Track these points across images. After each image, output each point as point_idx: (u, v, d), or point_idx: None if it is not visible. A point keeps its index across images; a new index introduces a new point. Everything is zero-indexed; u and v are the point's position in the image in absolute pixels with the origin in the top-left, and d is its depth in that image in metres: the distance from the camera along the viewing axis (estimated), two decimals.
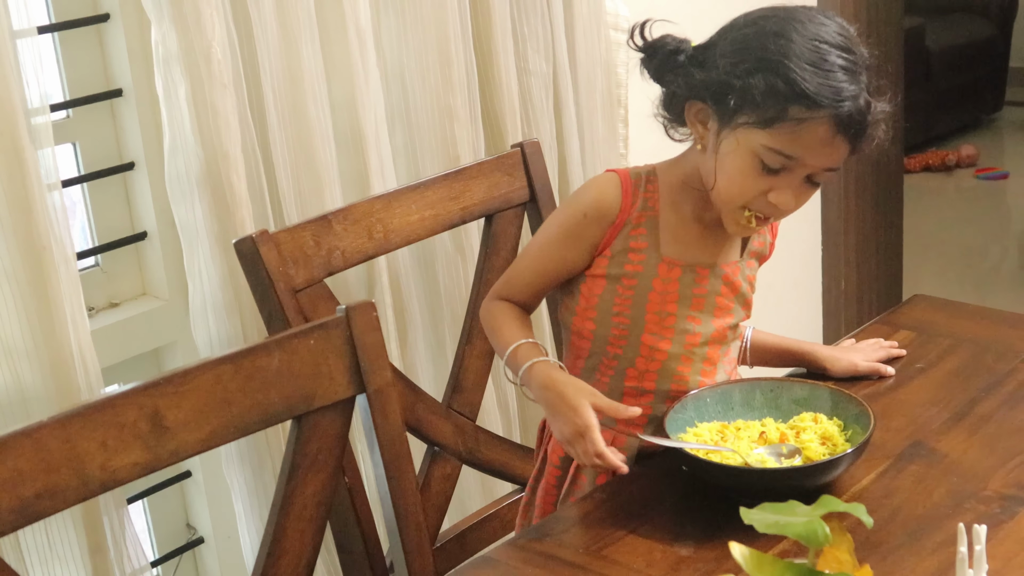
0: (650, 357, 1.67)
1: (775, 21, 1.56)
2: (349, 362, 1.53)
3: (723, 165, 1.58)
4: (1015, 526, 1.42)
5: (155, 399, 1.38)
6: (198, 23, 1.73)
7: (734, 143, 1.56)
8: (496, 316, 1.72)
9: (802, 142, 1.52)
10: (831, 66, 1.52)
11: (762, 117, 1.52)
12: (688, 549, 1.43)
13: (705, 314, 1.68)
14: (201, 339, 1.86)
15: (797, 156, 1.54)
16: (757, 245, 1.75)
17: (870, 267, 3.55)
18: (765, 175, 1.56)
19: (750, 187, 1.57)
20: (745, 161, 1.56)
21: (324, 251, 1.80)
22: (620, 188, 1.66)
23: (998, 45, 6.66)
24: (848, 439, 1.55)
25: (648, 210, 1.65)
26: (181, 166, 1.79)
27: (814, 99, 1.50)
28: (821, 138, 1.52)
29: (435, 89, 2.09)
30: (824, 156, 1.55)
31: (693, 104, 1.61)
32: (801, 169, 1.56)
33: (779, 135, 1.52)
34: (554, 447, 1.76)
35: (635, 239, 1.65)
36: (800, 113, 1.51)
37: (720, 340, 1.70)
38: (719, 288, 1.68)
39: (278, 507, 1.50)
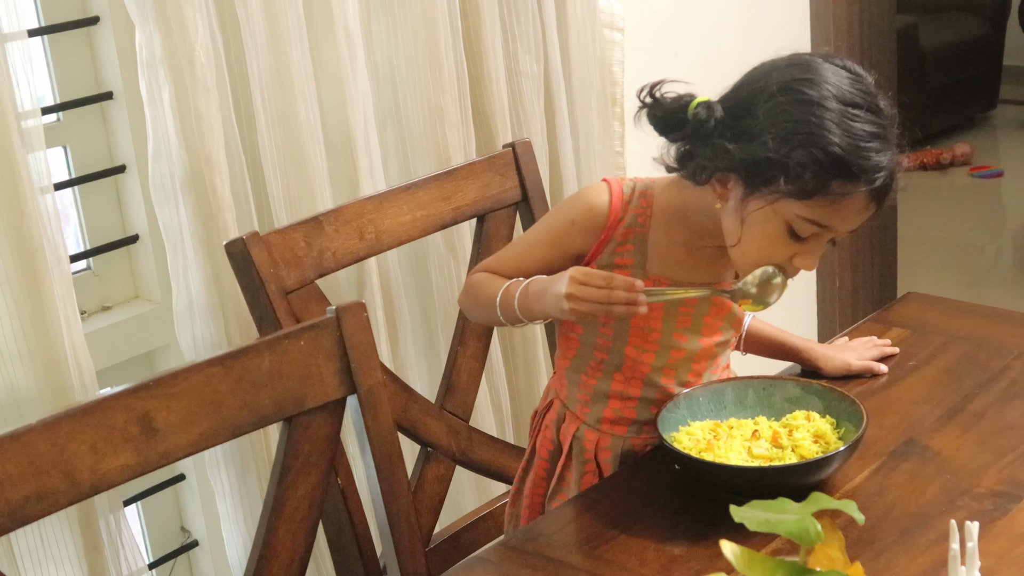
0: (633, 368, 1.67)
1: (807, 85, 1.51)
2: (339, 363, 1.53)
3: (751, 230, 1.55)
4: (1008, 523, 1.42)
5: (145, 401, 1.37)
6: (182, 26, 1.73)
7: (769, 212, 1.53)
8: (480, 281, 1.69)
9: (840, 214, 1.52)
10: (867, 136, 1.50)
11: (801, 189, 1.49)
12: (681, 548, 1.43)
13: (691, 332, 1.67)
14: (185, 342, 1.86)
15: (830, 225, 1.53)
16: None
17: (865, 265, 3.55)
18: (793, 242, 1.54)
19: (778, 253, 1.55)
20: (777, 229, 1.53)
21: (315, 252, 1.79)
22: (609, 202, 1.64)
23: (992, 43, 6.66)
24: (841, 437, 1.55)
25: (637, 227, 1.64)
26: (165, 169, 1.79)
27: (855, 172, 1.48)
28: (857, 208, 1.52)
29: (425, 90, 2.09)
30: (855, 222, 1.55)
31: (724, 176, 1.56)
32: (829, 234, 1.55)
33: (817, 207, 1.50)
34: (542, 441, 1.76)
35: (621, 255, 1.65)
36: (841, 188, 1.49)
37: (707, 356, 1.70)
38: (707, 309, 1.67)
39: (269, 508, 1.50)
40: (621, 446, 1.69)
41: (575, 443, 1.71)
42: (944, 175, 6.03)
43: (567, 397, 1.73)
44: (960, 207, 5.68)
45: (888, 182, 1.53)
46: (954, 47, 6.41)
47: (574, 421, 1.71)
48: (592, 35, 2.40)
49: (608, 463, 1.69)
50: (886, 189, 1.53)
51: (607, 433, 1.69)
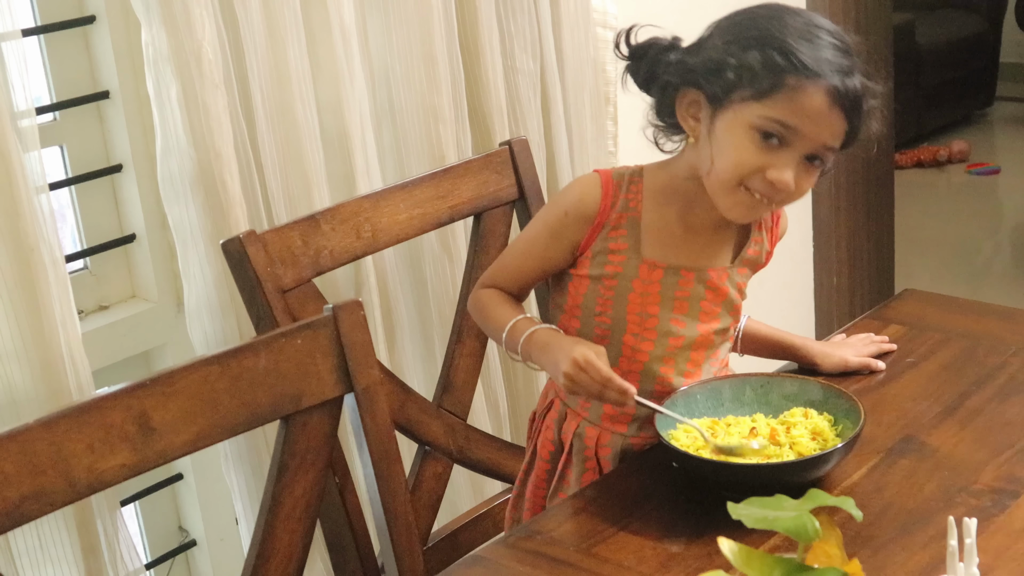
0: (632, 358, 1.67)
1: (767, 8, 1.60)
2: (336, 361, 1.53)
3: (719, 144, 1.58)
4: (1006, 519, 1.42)
5: (142, 400, 1.37)
6: (188, 24, 1.73)
7: (730, 119, 1.56)
8: (486, 302, 1.73)
9: (799, 110, 1.53)
10: (825, 44, 1.55)
11: (759, 89, 1.53)
12: (678, 545, 1.42)
13: (689, 318, 1.67)
14: (197, 339, 1.86)
15: (794, 125, 1.54)
16: (752, 253, 1.72)
17: (862, 263, 3.55)
18: (763, 150, 1.55)
19: (747, 161, 1.56)
20: (742, 136, 1.56)
21: (312, 251, 1.79)
22: (600, 189, 1.65)
23: (988, 40, 6.67)
24: (839, 434, 1.55)
25: (629, 211, 1.65)
26: (174, 167, 1.78)
27: (811, 67, 1.52)
28: (818, 107, 1.53)
29: (421, 88, 2.09)
30: (822, 127, 1.55)
31: (685, 94, 1.61)
32: (800, 143, 1.55)
33: (776, 104, 1.53)
34: (543, 443, 1.76)
35: (614, 240, 1.65)
36: (797, 81, 1.52)
37: (705, 344, 1.69)
38: (703, 293, 1.67)
39: (267, 508, 1.50)
40: (621, 444, 1.69)
41: (576, 440, 1.71)
42: (941, 172, 6.03)
43: (568, 397, 1.73)
44: (957, 204, 5.69)
45: (854, 93, 1.56)
46: (951, 44, 6.41)
47: (575, 418, 1.71)
48: (586, 34, 2.40)
49: (608, 460, 1.69)
50: (852, 100, 1.55)
51: (607, 430, 1.69)
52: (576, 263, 1.68)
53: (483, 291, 1.74)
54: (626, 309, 1.65)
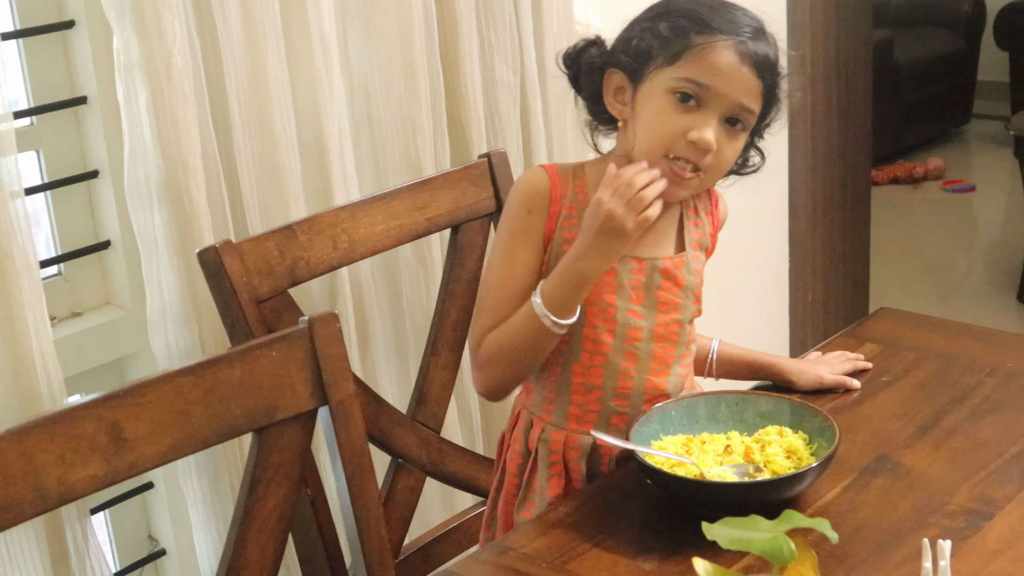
0: (593, 351, 1.67)
1: None
2: (311, 374, 1.52)
3: (641, 116, 1.64)
4: (979, 540, 1.42)
5: (114, 411, 1.36)
6: (159, 31, 1.72)
7: (648, 89, 1.62)
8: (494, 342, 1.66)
9: (709, 67, 1.59)
10: (733, 12, 1.63)
11: (670, 53, 1.60)
12: (652, 563, 1.42)
13: (646, 308, 1.68)
14: (159, 349, 1.84)
15: (707, 83, 1.59)
16: (697, 236, 1.74)
17: (837, 279, 3.56)
18: (681, 112, 1.60)
19: (668, 127, 1.60)
20: (660, 102, 1.61)
21: (288, 261, 1.78)
22: (548, 179, 1.68)
23: (966, 58, 6.71)
24: (813, 453, 1.55)
25: (579, 202, 1.67)
26: (140, 175, 1.77)
27: (716, 27, 1.59)
28: (727, 63, 1.59)
29: (399, 99, 2.08)
30: (734, 84, 1.60)
31: (610, 79, 1.67)
32: (715, 102, 1.60)
33: (687, 65, 1.59)
34: (512, 456, 1.75)
35: (568, 230, 1.66)
36: (704, 39, 1.59)
37: (668, 337, 1.69)
38: (659, 282, 1.68)
39: (239, 520, 1.49)
40: (589, 444, 1.68)
41: (541, 447, 1.70)
42: (917, 189, 6.06)
43: (532, 403, 1.73)
44: (933, 221, 5.71)
45: (763, 51, 1.61)
46: (929, 61, 6.45)
47: (540, 423, 1.71)
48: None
49: (577, 462, 1.69)
50: (762, 59, 1.61)
51: (574, 431, 1.69)
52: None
53: (484, 345, 1.67)
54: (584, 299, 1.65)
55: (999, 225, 5.72)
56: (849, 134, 3.47)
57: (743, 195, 3.15)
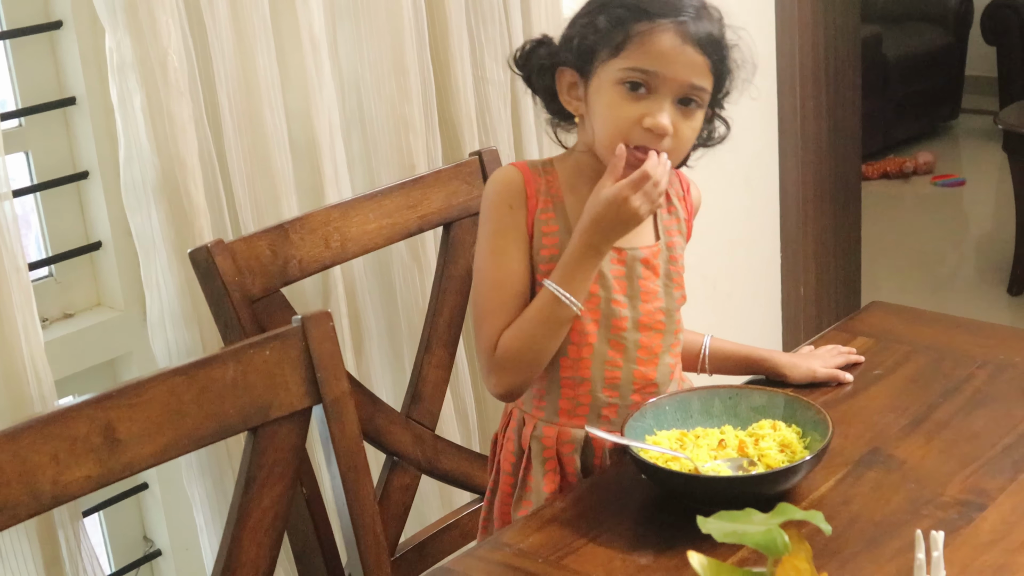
0: (580, 343, 1.67)
1: None
2: (305, 373, 1.52)
3: (596, 112, 1.64)
4: (972, 532, 1.43)
5: (108, 412, 1.36)
6: (153, 30, 1.72)
7: (598, 84, 1.63)
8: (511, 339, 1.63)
9: (652, 53, 1.59)
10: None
11: (613, 45, 1.60)
12: (647, 558, 1.42)
13: (630, 298, 1.68)
14: (159, 350, 1.84)
15: (653, 69, 1.59)
16: (672, 224, 1.75)
17: (829, 274, 3.56)
18: (633, 101, 1.60)
19: (622, 118, 1.61)
20: (611, 94, 1.61)
21: (280, 261, 1.78)
22: (521, 174, 1.69)
23: (954, 53, 6.72)
24: (807, 446, 1.56)
25: (552, 196, 1.68)
26: (137, 175, 1.77)
27: (653, 11, 1.59)
28: (669, 46, 1.59)
29: (391, 97, 2.08)
30: (680, 65, 1.59)
31: (562, 77, 1.68)
32: (665, 86, 1.60)
33: (631, 54, 1.59)
34: (505, 455, 1.76)
35: (546, 223, 1.67)
36: (644, 27, 1.59)
37: (653, 326, 1.70)
38: (640, 272, 1.69)
39: (234, 519, 1.49)
40: (582, 437, 1.69)
41: (534, 444, 1.71)
42: (907, 184, 6.07)
43: (523, 401, 1.73)
44: (923, 216, 5.72)
45: (706, 28, 1.60)
46: (917, 57, 6.46)
47: (532, 421, 1.71)
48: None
49: (571, 456, 1.69)
50: (705, 37, 1.60)
51: (566, 426, 1.69)
52: None
53: (500, 345, 1.64)
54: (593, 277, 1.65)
55: (989, 219, 5.74)
56: (838, 130, 3.47)
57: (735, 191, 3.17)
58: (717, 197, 3.07)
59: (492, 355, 1.65)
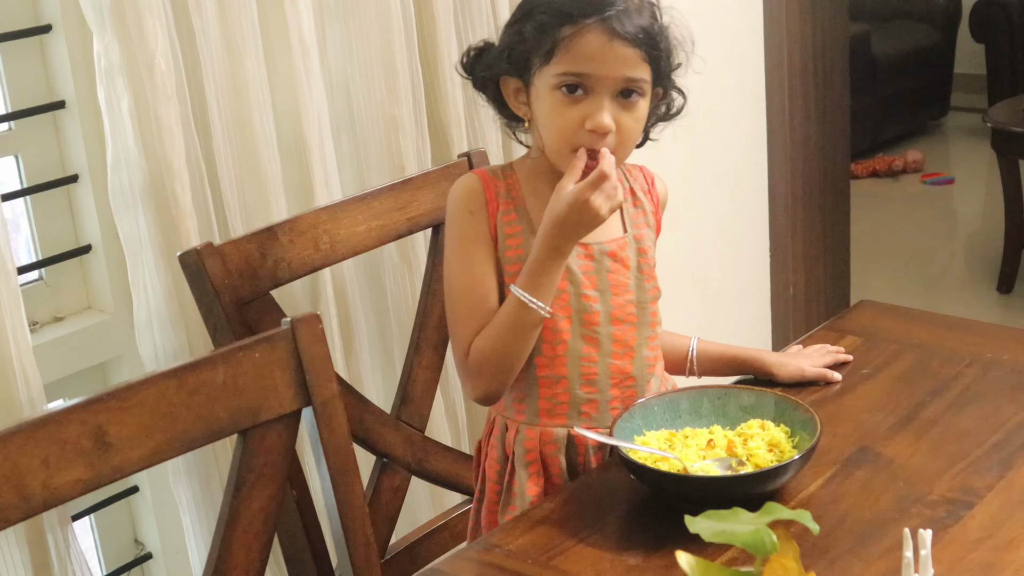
0: (554, 341, 1.67)
1: None
2: (295, 375, 1.52)
3: (540, 118, 1.65)
4: (961, 530, 1.43)
5: (98, 415, 1.36)
6: (141, 34, 1.72)
7: (537, 91, 1.64)
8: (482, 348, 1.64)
9: (582, 56, 1.59)
10: None
11: (543, 52, 1.61)
12: (637, 558, 1.43)
13: (600, 292, 1.69)
14: (147, 353, 1.84)
15: (586, 71, 1.59)
16: (638, 217, 1.75)
17: (818, 273, 3.57)
18: (572, 105, 1.61)
19: (564, 121, 1.61)
20: (550, 100, 1.62)
21: (270, 263, 1.79)
22: (480, 181, 1.70)
23: (943, 51, 6.73)
24: (795, 445, 1.56)
25: (513, 198, 1.69)
26: (124, 178, 1.77)
27: (575, 13, 1.59)
28: (597, 46, 1.59)
29: (380, 99, 2.09)
30: (612, 63, 1.59)
31: (506, 82, 1.69)
32: (600, 85, 1.60)
33: (561, 59, 1.60)
34: (490, 463, 1.76)
35: (508, 224, 1.68)
36: (568, 31, 1.59)
37: (626, 319, 1.70)
38: (608, 265, 1.69)
39: (224, 522, 1.49)
40: (564, 436, 1.69)
41: (517, 448, 1.71)
42: (896, 182, 6.08)
43: (504, 407, 1.73)
44: (912, 214, 5.74)
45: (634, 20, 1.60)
46: (906, 55, 6.47)
47: (514, 425, 1.72)
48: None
49: (555, 456, 1.69)
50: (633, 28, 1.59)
51: (547, 426, 1.69)
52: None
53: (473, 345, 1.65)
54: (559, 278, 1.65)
55: (978, 217, 5.75)
56: (827, 128, 3.48)
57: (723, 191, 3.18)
58: (706, 196, 3.08)
59: (465, 361, 1.67)
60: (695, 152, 2.94)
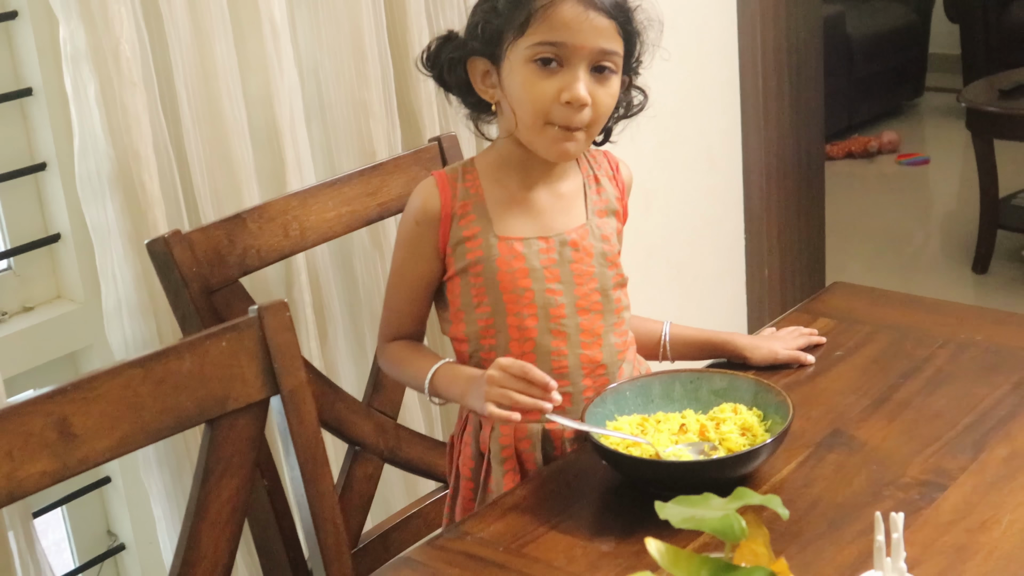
0: (521, 339, 1.66)
1: None
2: (262, 363, 1.51)
3: (512, 94, 1.64)
4: (933, 512, 1.43)
5: (62, 406, 1.35)
6: (106, 20, 1.70)
7: (510, 66, 1.62)
8: (396, 359, 1.75)
9: (558, 25, 1.58)
10: None
11: (517, 25, 1.60)
12: (609, 544, 1.42)
13: (564, 284, 1.68)
14: (116, 342, 1.83)
15: (560, 40, 1.59)
16: (600, 203, 1.74)
17: (793, 255, 3.57)
18: (547, 77, 1.60)
19: (539, 94, 1.60)
20: (524, 73, 1.61)
21: (239, 250, 1.77)
22: (438, 187, 1.69)
23: (918, 31, 6.74)
24: (768, 429, 1.56)
25: (471, 197, 1.68)
26: (92, 166, 1.76)
27: None
28: (573, 15, 1.58)
29: (350, 84, 2.07)
30: (587, 33, 1.59)
31: (473, 67, 1.67)
32: (575, 57, 1.59)
33: (536, 30, 1.59)
34: (464, 460, 1.75)
35: (466, 227, 1.66)
36: (543, 1, 1.58)
37: (591, 308, 1.69)
38: (570, 255, 1.68)
39: (192, 512, 1.48)
40: (539, 431, 1.68)
41: (493, 445, 1.70)
42: (872, 163, 6.09)
43: None
44: (888, 194, 5.74)
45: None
46: (881, 36, 6.47)
47: (488, 422, 1.70)
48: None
49: (530, 452, 1.68)
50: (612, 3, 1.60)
51: (522, 422, 1.68)
52: (445, 267, 1.69)
53: (388, 347, 1.77)
54: (499, 290, 1.66)
55: (953, 197, 5.76)
56: (801, 109, 3.48)
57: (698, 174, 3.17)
58: (681, 180, 3.07)
59: (380, 350, 1.78)
60: (668, 135, 2.94)
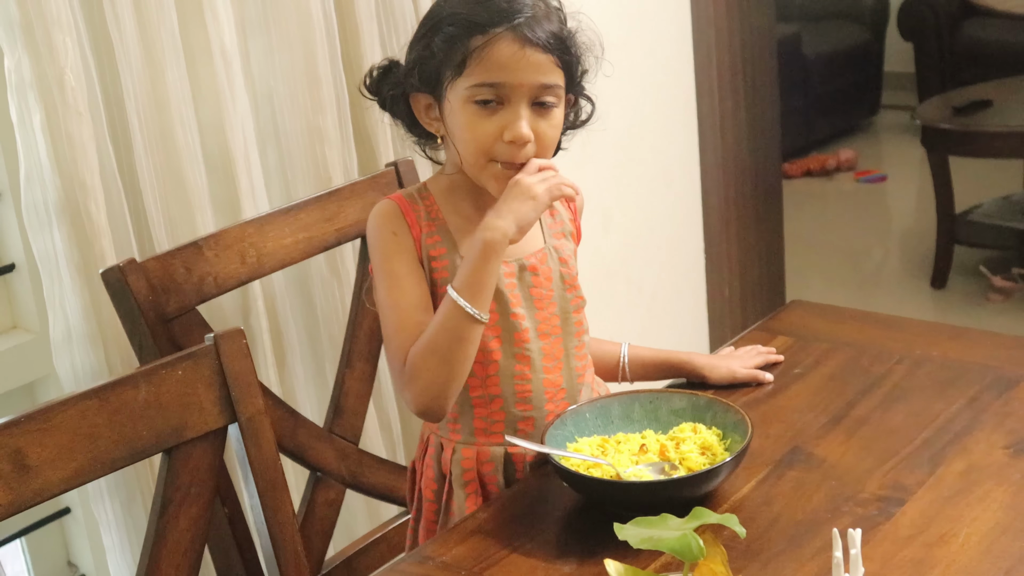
0: (485, 361, 1.65)
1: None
2: (219, 392, 1.50)
3: (454, 133, 1.62)
4: (892, 527, 1.44)
5: (16, 438, 1.33)
6: (51, 50, 1.69)
7: (450, 105, 1.61)
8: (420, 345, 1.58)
9: (495, 66, 1.57)
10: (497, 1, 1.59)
11: (454, 65, 1.58)
12: (571, 566, 1.42)
13: (525, 308, 1.67)
14: (64, 372, 1.81)
15: (499, 81, 1.57)
16: (556, 227, 1.74)
17: (753, 273, 3.59)
18: (488, 117, 1.59)
19: (481, 134, 1.59)
20: (464, 114, 1.60)
21: (195, 278, 1.76)
22: (398, 206, 1.67)
23: (872, 50, 6.80)
24: (727, 448, 1.56)
25: (433, 219, 1.66)
26: (38, 196, 1.75)
27: (484, 23, 1.57)
28: (510, 54, 1.57)
29: (305, 110, 2.07)
30: (525, 71, 1.57)
31: (416, 101, 1.66)
32: (515, 95, 1.58)
33: (474, 71, 1.57)
34: (427, 483, 1.73)
35: (433, 247, 1.65)
36: (479, 41, 1.56)
37: (551, 332, 1.69)
38: (529, 279, 1.68)
39: (151, 542, 1.47)
40: (502, 455, 1.68)
41: (454, 468, 1.69)
42: (830, 181, 6.13)
43: (439, 426, 1.71)
44: (846, 212, 5.78)
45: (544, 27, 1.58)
46: (836, 55, 6.53)
47: (450, 445, 1.70)
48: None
49: (493, 475, 1.68)
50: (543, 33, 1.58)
51: (484, 445, 1.68)
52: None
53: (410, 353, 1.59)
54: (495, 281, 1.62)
55: (911, 213, 5.81)
56: (758, 128, 3.50)
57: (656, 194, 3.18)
58: (639, 199, 3.08)
59: (402, 371, 1.60)
60: (626, 155, 2.95)
